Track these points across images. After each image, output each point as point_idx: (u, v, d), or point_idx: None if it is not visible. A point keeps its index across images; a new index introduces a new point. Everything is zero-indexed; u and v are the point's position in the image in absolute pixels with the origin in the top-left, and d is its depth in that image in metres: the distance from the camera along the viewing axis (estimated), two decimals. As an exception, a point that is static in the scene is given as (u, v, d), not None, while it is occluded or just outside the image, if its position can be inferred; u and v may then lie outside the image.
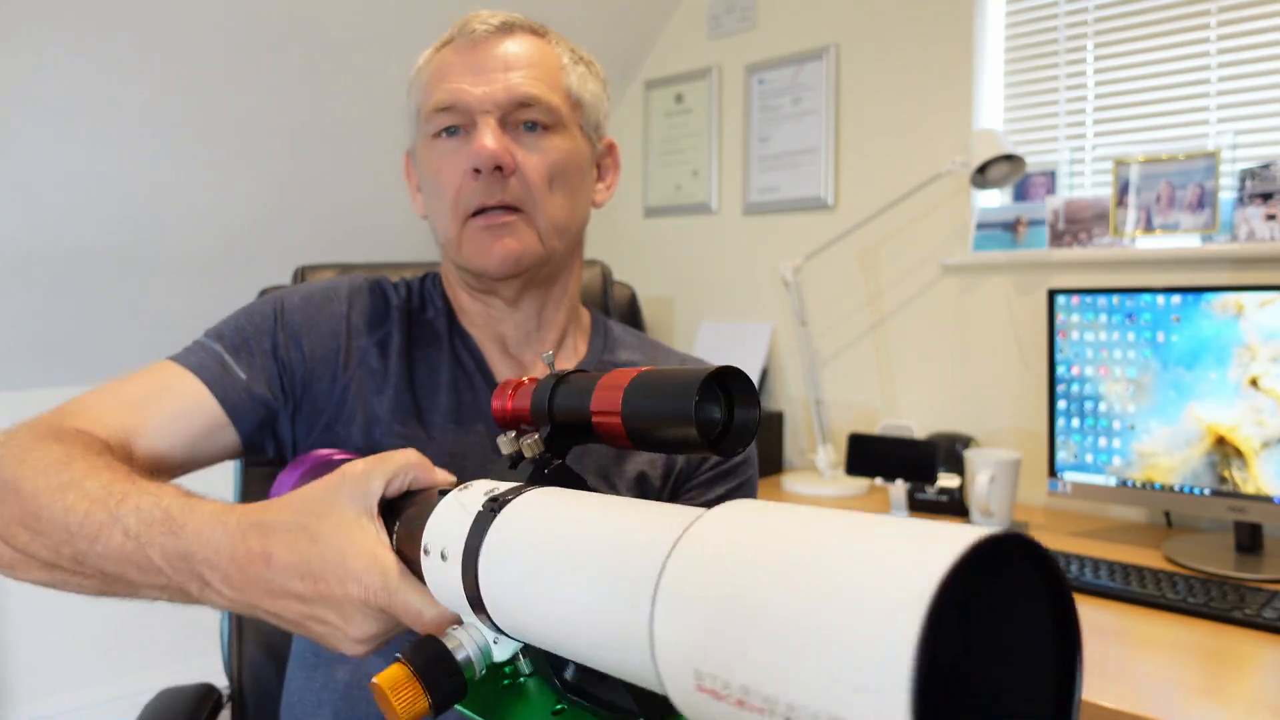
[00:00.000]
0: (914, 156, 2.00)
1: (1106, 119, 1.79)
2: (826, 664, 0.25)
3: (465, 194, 0.80)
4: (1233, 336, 1.38)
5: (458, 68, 0.81)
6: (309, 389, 0.82)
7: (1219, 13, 1.64)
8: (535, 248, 0.82)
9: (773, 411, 2.21)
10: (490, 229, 0.80)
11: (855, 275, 2.12)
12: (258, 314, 0.83)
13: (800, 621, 0.26)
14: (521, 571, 0.40)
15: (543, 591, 0.38)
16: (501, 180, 0.79)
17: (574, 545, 0.38)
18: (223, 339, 0.80)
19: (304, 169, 2.09)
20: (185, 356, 0.78)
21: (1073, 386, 1.54)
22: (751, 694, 0.27)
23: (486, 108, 0.79)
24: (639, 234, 2.59)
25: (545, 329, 0.89)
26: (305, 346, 0.82)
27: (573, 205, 0.84)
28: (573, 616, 0.36)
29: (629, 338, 0.96)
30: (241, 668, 1.07)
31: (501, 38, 0.81)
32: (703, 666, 0.29)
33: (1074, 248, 1.77)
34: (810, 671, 0.26)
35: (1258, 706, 0.96)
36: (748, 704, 0.27)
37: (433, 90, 0.82)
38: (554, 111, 0.81)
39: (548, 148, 0.81)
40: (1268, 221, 1.55)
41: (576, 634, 0.36)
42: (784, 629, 0.27)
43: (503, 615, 0.42)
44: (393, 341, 0.85)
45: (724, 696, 0.28)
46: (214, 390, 0.76)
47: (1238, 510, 1.39)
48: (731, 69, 2.35)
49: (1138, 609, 1.23)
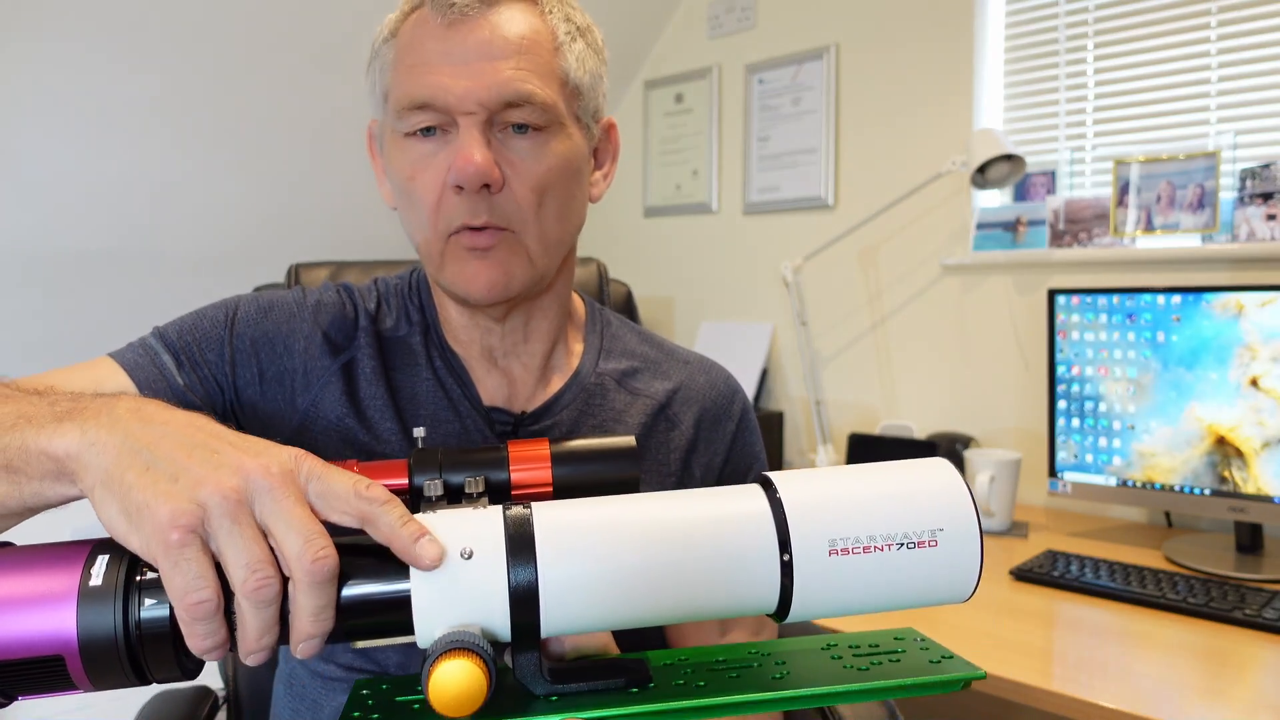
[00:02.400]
0: (914, 156, 2.00)
1: (1106, 119, 1.79)
2: (917, 512, 0.45)
3: (446, 209, 0.70)
4: (1233, 336, 1.38)
5: (434, 53, 0.68)
6: (256, 409, 0.75)
7: (1219, 13, 1.64)
8: (525, 271, 0.73)
9: (773, 411, 2.21)
10: (475, 252, 0.71)
11: (855, 275, 2.12)
12: (208, 320, 0.76)
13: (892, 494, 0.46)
14: (623, 552, 0.44)
15: (662, 565, 0.44)
16: (488, 198, 0.69)
17: (676, 523, 0.45)
18: (165, 340, 0.74)
19: (304, 167, 2.09)
20: (124, 354, 0.73)
21: (1073, 386, 1.54)
22: (875, 539, 0.45)
23: (470, 107, 0.68)
24: (639, 234, 2.59)
25: (533, 339, 0.80)
26: (255, 364, 0.75)
27: (567, 215, 0.75)
28: (702, 580, 0.44)
29: (628, 335, 0.88)
30: (237, 670, 1.07)
31: (487, 12, 0.69)
32: (834, 537, 0.44)
33: (1074, 248, 1.77)
34: (907, 515, 0.45)
35: (1258, 706, 0.96)
36: (872, 547, 0.44)
37: (404, 77, 0.70)
38: (548, 109, 0.70)
39: (540, 154, 0.71)
40: (1268, 221, 1.55)
41: (704, 593, 0.45)
42: (882, 501, 0.46)
43: (579, 598, 0.43)
44: (361, 365, 0.77)
45: (853, 550, 0.44)
46: (144, 392, 0.69)
47: (1238, 510, 1.38)
48: (731, 69, 2.35)
49: (1138, 609, 1.23)
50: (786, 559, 0.44)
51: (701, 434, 0.84)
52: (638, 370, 0.85)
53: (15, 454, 0.46)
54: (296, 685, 0.79)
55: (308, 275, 1.12)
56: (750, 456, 0.87)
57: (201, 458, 0.43)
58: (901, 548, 0.45)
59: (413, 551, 0.42)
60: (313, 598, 0.41)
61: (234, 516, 0.41)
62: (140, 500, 0.41)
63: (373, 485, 0.44)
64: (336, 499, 0.43)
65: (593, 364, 0.83)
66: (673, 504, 0.47)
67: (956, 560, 0.45)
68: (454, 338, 0.80)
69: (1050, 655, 1.13)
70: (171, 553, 0.40)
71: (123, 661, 0.41)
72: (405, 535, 0.42)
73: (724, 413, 0.85)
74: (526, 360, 0.80)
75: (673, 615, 0.46)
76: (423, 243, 0.73)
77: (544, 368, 0.81)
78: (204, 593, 0.40)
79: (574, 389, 0.81)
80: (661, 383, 0.84)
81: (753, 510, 0.46)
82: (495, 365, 0.80)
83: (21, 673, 0.40)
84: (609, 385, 0.82)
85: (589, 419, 0.80)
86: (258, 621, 0.41)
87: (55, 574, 0.41)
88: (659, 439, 0.82)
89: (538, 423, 0.79)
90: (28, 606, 0.40)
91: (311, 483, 0.44)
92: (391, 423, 0.75)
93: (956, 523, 0.45)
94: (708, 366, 0.88)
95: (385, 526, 0.43)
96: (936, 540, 0.45)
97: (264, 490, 0.42)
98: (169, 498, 0.41)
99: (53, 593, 0.40)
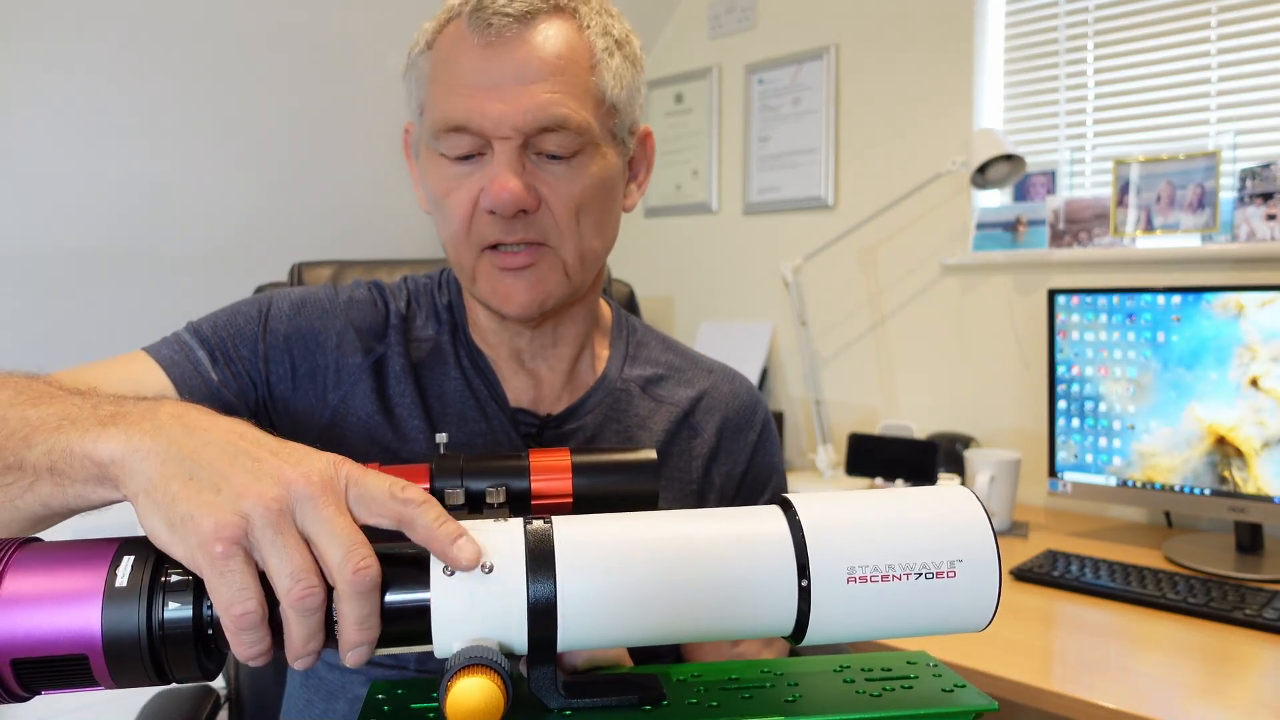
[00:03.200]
0: (914, 156, 2.00)
1: (1106, 119, 1.79)
2: (937, 542, 0.45)
3: (480, 227, 0.70)
4: (1233, 336, 1.38)
5: (470, 73, 0.68)
6: (288, 404, 0.75)
7: (1219, 13, 1.64)
8: (561, 286, 0.73)
9: (773, 411, 2.21)
10: (510, 272, 0.71)
11: (855, 275, 2.12)
12: (242, 315, 0.76)
13: (912, 522, 0.46)
14: (641, 569, 0.44)
15: (680, 584, 0.44)
16: (524, 218, 0.69)
17: (696, 542, 0.45)
18: (200, 335, 0.74)
19: (306, 166, 2.09)
20: (159, 349, 0.73)
21: (1073, 386, 1.54)
22: (894, 568, 0.44)
23: (505, 132, 0.67)
24: (639, 234, 2.59)
25: (562, 344, 0.80)
26: (288, 360, 0.75)
27: (603, 229, 0.75)
28: (720, 601, 0.45)
29: (653, 342, 0.88)
30: (239, 669, 1.07)
31: (524, 31, 0.68)
32: (853, 564, 0.44)
33: (1074, 248, 1.77)
34: (927, 545, 0.45)
35: (1258, 706, 0.96)
36: (890, 576, 0.44)
37: (440, 96, 0.70)
38: (583, 133, 0.69)
39: (575, 177, 0.70)
40: (1268, 221, 1.55)
41: (722, 614, 0.45)
42: (902, 529, 0.46)
43: (597, 615, 0.44)
44: (391, 364, 0.77)
45: (871, 578, 0.44)
46: (180, 389, 0.70)
47: (1238, 510, 1.38)
48: (731, 69, 2.35)
49: (1138, 609, 1.23)
50: (805, 584, 0.45)
51: (724, 443, 0.84)
52: (662, 377, 0.85)
53: (60, 456, 0.46)
54: (313, 675, 0.80)
55: (310, 274, 1.12)
56: (770, 467, 0.88)
57: (244, 466, 0.43)
58: (920, 578, 0.45)
59: (450, 552, 0.42)
60: (357, 607, 0.41)
61: (277, 527, 0.42)
62: (184, 512, 0.42)
63: (409, 487, 0.44)
64: (374, 502, 0.44)
65: (618, 370, 0.83)
66: (693, 524, 0.47)
67: (975, 592, 0.45)
68: (482, 339, 0.80)
69: (1050, 655, 1.13)
70: (217, 564, 0.41)
71: (145, 662, 0.41)
72: (442, 536, 0.43)
73: (746, 422, 0.86)
74: (554, 363, 0.80)
75: (689, 634, 0.46)
76: (456, 256, 0.74)
77: (571, 371, 0.81)
78: (249, 604, 0.41)
79: (599, 394, 0.81)
80: (685, 390, 0.85)
81: (772, 533, 0.46)
82: (523, 367, 0.80)
83: (45, 669, 0.40)
84: (634, 391, 0.83)
85: (613, 424, 0.80)
86: (303, 629, 0.42)
87: (81, 573, 0.41)
88: (681, 446, 0.82)
89: (562, 426, 0.79)
90: (54, 604, 0.40)
91: (350, 488, 0.44)
92: (419, 421, 0.76)
93: (976, 554, 0.45)
94: (731, 375, 0.88)
95: (422, 528, 0.43)
96: (955, 571, 0.45)
97: (305, 499, 0.42)
98: (212, 509, 0.41)
99: (79, 591, 0.41)
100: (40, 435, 0.48)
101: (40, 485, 0.47)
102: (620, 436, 0.80)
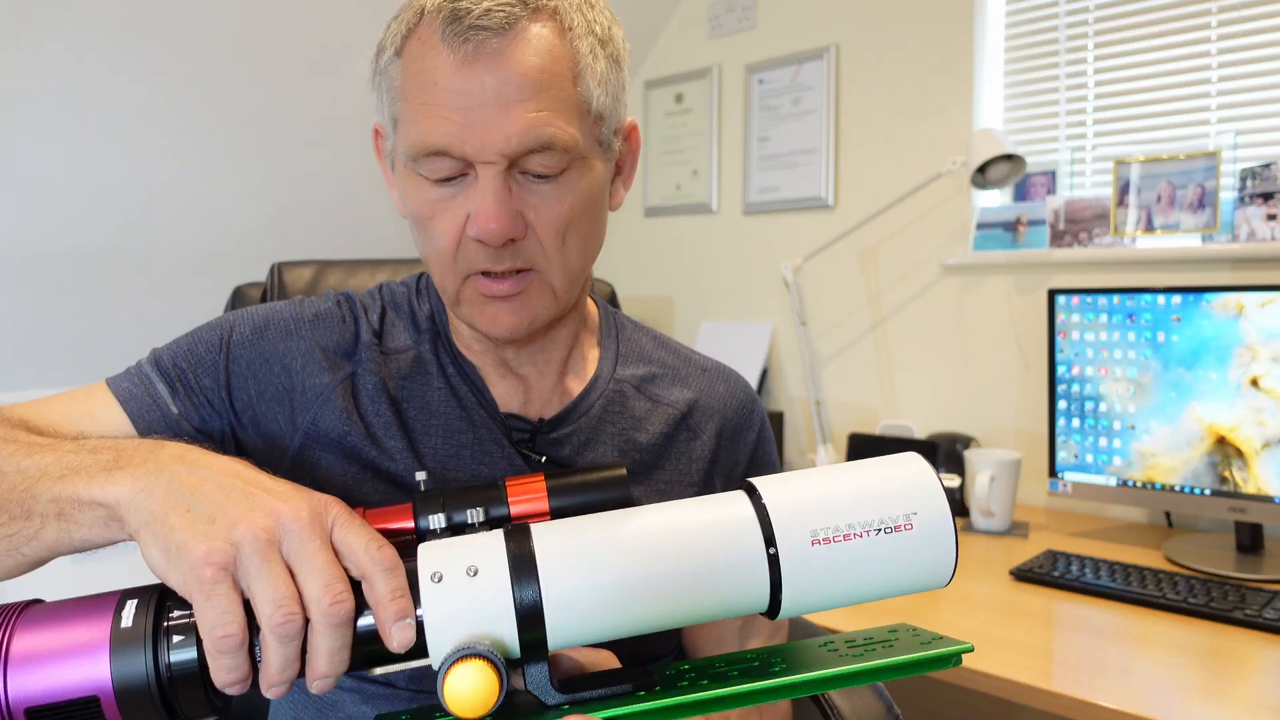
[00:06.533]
0: (914, 156, 2.00)
1: (1106, 119, 1.79)
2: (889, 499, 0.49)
3: (466, 254, 0.67)
4: (1233, 336, 1.37)
5: (447, 93, 0.63)
6: (258, 428, 0.73)
7: (1219, 13, 1.64)
8: (549, 308, 0.71)
9: (773, 411, 2.21)
10: (497, 301, 0.69)
11: (855, 275, 2.12)
12: (203, 343, 0.74)
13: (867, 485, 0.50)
14: (619, 562, 0.47)
15: (657, 571, 0.47)
16: (511, 246, 0.67)
17: (668, 531, 0.48)
18: (160, 367, 0.72)
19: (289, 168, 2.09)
20: (119, 382, 0.72)
21: (1073, 386, 1.54)
22: (854, 526, 0.48)
23: (489, 157, 0.63)
24: (639, 234, 2.59)
25: (551, 348, 0.78)
26: (251, 387, 0.73)
27: (590, 244, 0.73)
28: (696, 583, 0.47)
29: (643, 340, 0.87)
30: None
31: (503, 45, 0.63)
32: (815, 528, 0.48)
33: (1074, 248, 1.77)
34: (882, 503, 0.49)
35: (1258, 707, 0.96)
36: (851, 534, 0.48)
37: (416, 116, 0.65)
38: (572, 149, 0.65)
39: (563, 194, 0.67)
40: (1268, 221, 1.55)
41: (699, 595, 0.47)
42: (857, 492, 0.49)
43: (582, 610, 0.46)
44: (362, 382, 0.75)
45: (834, 538, 0.48)
46: (137, 424, 0.69)
47: (1238, 510, 1.38)
48: (731, 69, 2.35)
49: (1138, 609, 1.23)
50: (772, 552, 0.48)
51: (723, 444, 0.83)
52: (656, 376, 0.83)
53: (67, 504, 0.49)
54: (299, 691, 0.78)
55: (290, 274, 1.11)
56: (769, 465, 0.87)
57: (239, 500, 0.46)
58: (880, 533, 0.48)
59: (388, 627, 0.45)
60: (329, 639, 0.44)
61: (264, 555, 0.44)
62: (179, 540, 0.45)
63: (385, 547, 0.47)
64: (350, 551, 0.46)
65: (610, 370, 0.82)
66: (664, 515, 0.50)
67: (932, 543, 0.49)
68: (466, 346, 0.78)
69: (1050, 655, 1.13)
70: (205, 588, 0.43)
71: (155, 703, 0.43)
72: (390, 609, 0.45)
73: (745, 423, 0.85)
74: (542, 367, 0.78)
75: (672, 619, 0.48)
76: (440, 279, 0.71)
77: (560, 374, 0.80)
78: (231, 627, 0.43)
79: (593, 395, 0.79)
80: (681, 390, 0.83)
81: (739, 514, 0.49)
82: (511, 372, 0.78)
83: (59, 714, 0.42)
84: (628, 391, 0.81)
85: (609, 426, 0.79)
86: (280, 656, 0.43)
87: (87, 624, 0.43)
88: (680, 448, 0.81)
89: (556, 430, 0.77)
90: (64, 658, 0.42)
91: (335, 530, 0.47)
92: (397, 440, 0.73)
93: (928, 507, 0.49)
94: (726, 374, 0.87)
95: (378, 591, 0.45)
96: (911, 524, 0.48)
97: (293, 532, 0.45)
98: (205, 537, 0.44)
99: (86, 643, 0.43)
100: (43, 486, 0.50)
101: (46, 532, 0.50)
102: (617, 438, 0.78)
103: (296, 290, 1.10)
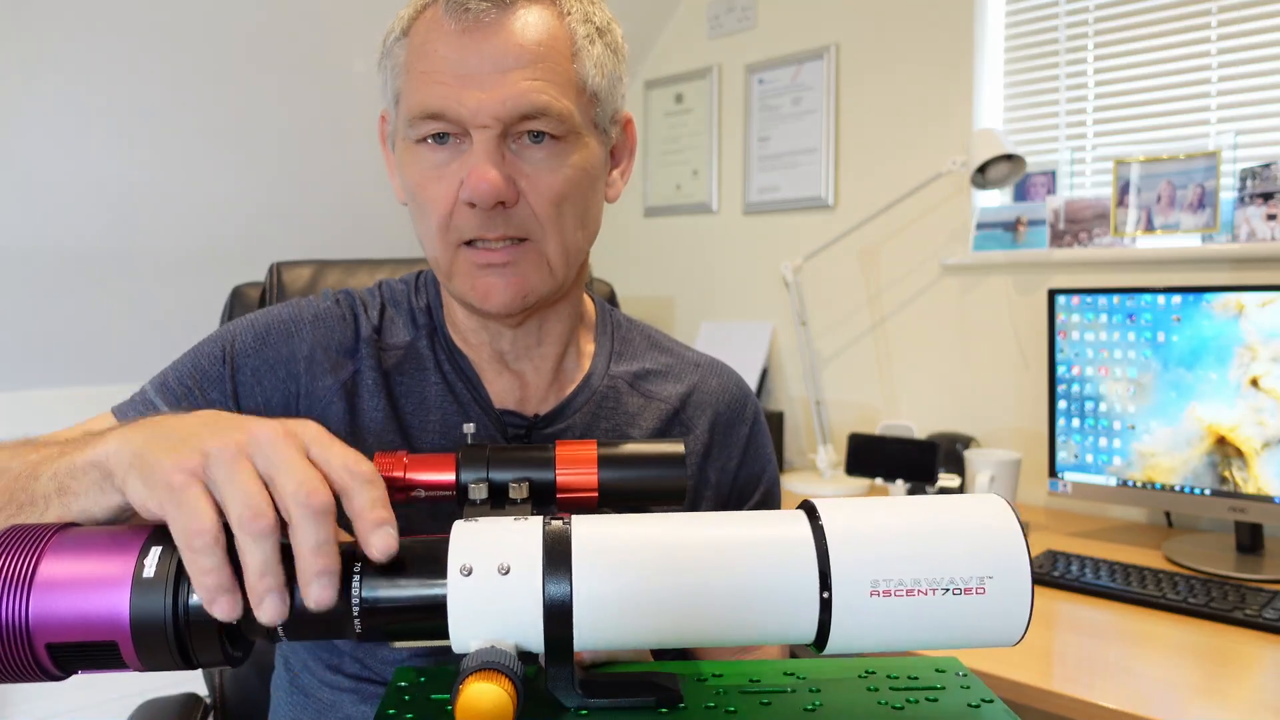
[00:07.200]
0: (914, 156, 2.00)
1: (1106, 119, 1.79)
2: (965, 556, 0.43)
3: (458, 221, 0.68)
4: (1233, 336, 1.37)
5: (447, 61, 0.66)
6: None
7: (1219, 13, 1.64)
8: (545, 282, 0.71)
9: (773, 411, 2.21)
10: (490, 268, 0.69)
11: (855, 275, 2.12)
12: (206, 358, 0.75)
13: (941, 534, 0.44)
14: (659, 577, 0.43)
15: (699, 592, 0.43)
16: (503, 212, 0.68)
17: (716, 550, 0.44)
18: (165, 391, 0.72)
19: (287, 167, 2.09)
20: (124, 411, 0.72)
21: (1073, 386, 1.54)
22: (920, 582, 0.42)
23: (484, 121, 0.66)
24: (639, 234, 2.59)
25: (547, 343, 0.79)
26: (259, 395, 0.74)
27: (586, 221, 0.73)
28: (741, 601, 0.43)
29: (638, 337, 0.87)
30: (224, 677, 1.06)
31: (502, 17, 0.66)
32: (877, 577, 0.43)
33: (1074, 248, 1.76)
34: (956, 559, 0.43)
35: (1258, 707, 0.96)
36: (916, 591, 0.42)
37: (416, 84, 0.68)
38: (565, 120, 0.67)
39: (556, 165, 0.68)
40: (1268, 221, 1.55)
41: (741, 622, 0.44)
42: (929, 541, 0.43)
43: (614, 620, 0.43)
44: (364, 380, 0.75)
45: (895, 592, 0.42)
46: None
47: (1238, 510, 1.38)
48: (731, 69, 2.35)
49: (1138, 609, 1.23)
50: (826, 597, 0.43)
51: (716, 439, 0.83)
52: (650, 373, 0.84)
53: (64, 475, 0.49)
54: (298, 693, 0.78)
55: (289, 274, 1.11)
56: (764, 460, 0.87)
57: (214, 428, 0.46)
58: (947, 593, 0.43)
59: (368, 536, 0.43)
60: (310, 532, 0.42)
61: (233, 462, 0.43)
62: (153, 461, 0.44)
63: (362, 461, 0.45)
64: (328, 467, 0.44)
65: (605, 367, 0.82)
66: (713, 527, 0.46)
67: (1005, 609, 0.43)
68: (463, 340, 0.78)
69: (1050, 655, 1.13)
70: (175, 494, 0.42)
71: (171, 647, 0.42)
72: (369, 519, 0.43)
73: (738, 417, 0.85)
74: (539, 363, 0.79)
75: (707, 639, 0.45)
76: (433, 251, 0.72)
77: (556, 370, 0.80)
78: (203, 522, 0.42)
79: (587, 392, 0.80)
80: (674, 386, 0.83)
81: (795, 540, 0.44)
82: (507, 368, 0.78)
83: (78, 652, 0.42)
84: (622, 388, 0.81)
85: (602, 422, 0.79)
86: (257, 556, 0.41)
87: (112, 560, 0.43)
88: None
89: (550, 426, 0.78)
90: (86, 590, 0.42)
91: (312, 447, 0.45)
92: (394, 436, 0.74)
93: (1008, 570, 0.43)
94: (719, 369, 0.87)
95: (357, 503, 0.44)
96: (985, 588, 0.43)
97: (266, 443, 0.44)
98: (176, 452, 0.44)
99: (109, 578, 0.42)
100: (44, 467, 0.51)
101: (49, 513, 0.50)
102: (611, 434, 0.79)
103: (296, 290, 1.10)
